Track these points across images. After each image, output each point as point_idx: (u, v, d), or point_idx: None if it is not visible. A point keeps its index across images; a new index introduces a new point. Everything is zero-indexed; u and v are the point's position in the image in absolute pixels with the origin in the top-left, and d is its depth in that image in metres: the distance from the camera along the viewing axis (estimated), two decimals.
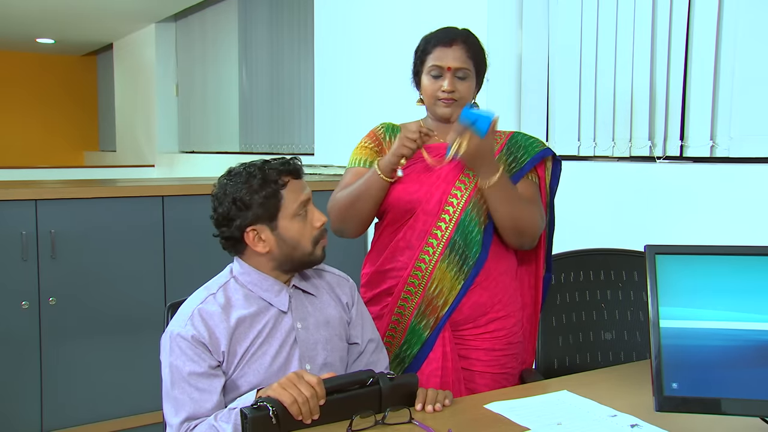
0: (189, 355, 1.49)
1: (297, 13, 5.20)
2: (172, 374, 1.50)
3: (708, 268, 1.31)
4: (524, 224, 1.84)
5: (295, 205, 1.58)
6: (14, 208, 2.93)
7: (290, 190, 1.58)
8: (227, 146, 6.40)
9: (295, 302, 1.63)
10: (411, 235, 1.89)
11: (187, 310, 1.55)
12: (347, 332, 1.71)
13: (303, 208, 1.59)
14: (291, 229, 1.58)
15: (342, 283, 1.75)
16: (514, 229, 1.85)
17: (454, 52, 1.86)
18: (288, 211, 1.57)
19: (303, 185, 1.61)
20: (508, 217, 1.83)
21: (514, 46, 3.19)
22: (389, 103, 3.46)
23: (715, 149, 2.46)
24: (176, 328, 1.52)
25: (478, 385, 1.90)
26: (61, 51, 9.91)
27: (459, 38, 1.88)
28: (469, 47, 1.87)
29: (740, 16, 2.37)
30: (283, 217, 1.57)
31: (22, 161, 9.23)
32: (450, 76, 1.86)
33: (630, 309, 2.14)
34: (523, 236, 1.86)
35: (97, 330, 3.10)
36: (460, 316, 1.89)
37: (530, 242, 1.89)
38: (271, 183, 1.56)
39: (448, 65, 1.86)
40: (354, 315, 1.73)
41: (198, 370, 1.49)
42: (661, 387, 1.28)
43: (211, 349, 1.51)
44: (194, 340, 1.50)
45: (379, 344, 1.77)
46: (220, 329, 1.52)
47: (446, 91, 1.86)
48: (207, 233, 1.67)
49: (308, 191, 1.62)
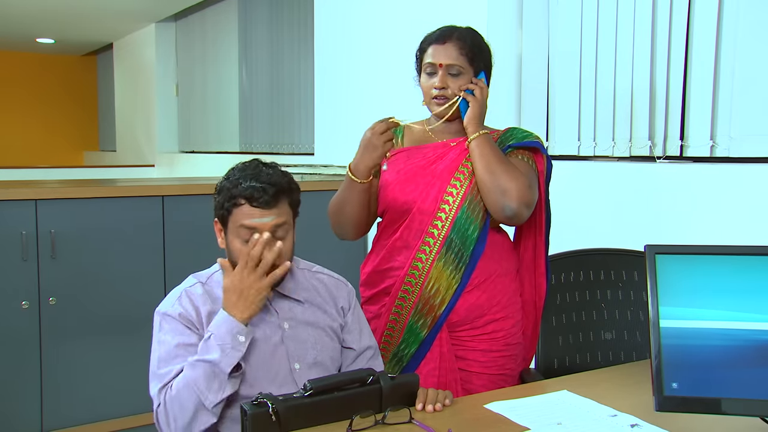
0: (178, 329, 1.54)
1: (297, 13, 5.20)
2: (159, 350, 1.55)
3: (708, 268, 1.31)
4: (505, 182, 1.78)
5: (238, 224, 1.55)
6: (14, 208, 2.93)
7: (242, 211, 1.55)
8: (227, 146, 6.40)
9: (279, 304, 1.63)
10: (408, 234, 1.89)
11: (175, 292, 1.62)
12: (340, 335, 1.70)
13: (248, 231, 1.54)
14: (231, 243, 1.59)
15: (340, 287, 1.74)
16: (496, 188, 1.79)
17: (446, 49, 1.86)
18: (233, 226, 1.57)
19: (263, 213, 1.54)
20: (487, 171, 1.80)
21: (514, 46, 3.19)
22: (390, 103, 3.46)
23: (715, 149, 2.46)
24: (164, 308, 1.59)
25: (475, 386, 1.90)
26: (61, 51, 9.92)
27: (453, 35, 1.88)
28: (463, 44, 1.87)
29: (740, 16, 2.37)
30: (230, 230, 1.58)
31: (22, 161, 9.24)
32: (442, 73, 1.86)
33: (630, 309, 2.14)
34: (506, 196, 1.78)
35: (97, 330, 3.10)
36: (458, 317, 1.89)
37: (516, 208, 1.80)
38: (228, 197, 1.56)
39: (440, 62, 1.86)
40: (350, 320, 1.72)
41: (187, 341, 1.53)
42: (661, 387, 1.28)
43: (197, 325, 1.56)
44: (182, 318, 1.55)
45: (376, 352, 1.77)
46: (204, 309, 1.57)
47: (437, 87, 1.86)
48: (207, 233, 1.67)
49: (266, 220, 1.54)
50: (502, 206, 1.80)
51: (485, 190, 1.82)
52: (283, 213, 1.57)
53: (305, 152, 5.05)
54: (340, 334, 1.71)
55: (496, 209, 1.82)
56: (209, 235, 1.64)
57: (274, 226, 1.55)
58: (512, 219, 1.83)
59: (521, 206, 1.80)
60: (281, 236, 1.56)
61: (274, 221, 1.55)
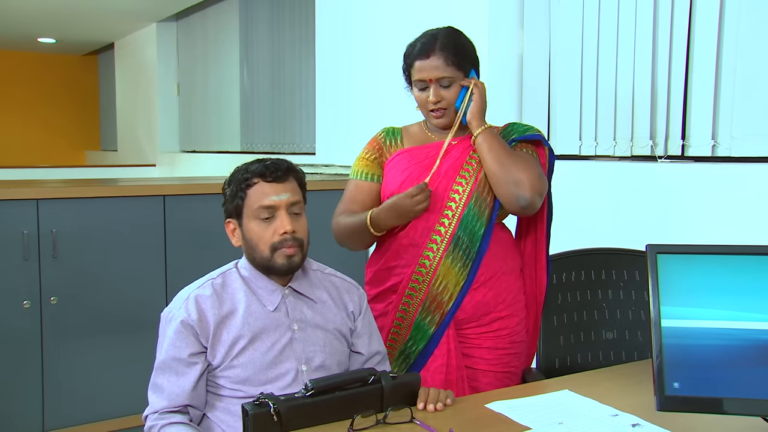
0: (177, 339, 1.55)
1: (298, 13, 5.20)
2: (158, 355, 1.57)
3: (709, 267, 1.31)
4: (517, 173, 1.80)
5: (256, 206, 1.58)
6: (16, 208, 2.93)
7: (256, 191, 1.59)
8: (228, 146, 6.40)
9: (292, 304, 1.63)
10: (414, 233, 1.89)
11: (184, 293, 1.61)
12: (349, 339, 1.71)
13: (267, 211, 1.58)
14: (250, 230, 1.60)
15: (351, 290, 1.74)
16: (509, 179, 1.80)
17: (431, 62, 1.86)
18: (250, 210, 1.59)
19: (276, 189, 1.59)
20: (498, 163, 1.81)
21: (515, 46, 3.19)
22: (390, 103, 3.45)
23: (717, 148, 2.46)
24: (169, 310, 1.60)
25: (481, 384, 1.91)
26: (63, 50, 9.92)
27: (435, 47, 1.86)
28: (447, 54, 1.86)
29: (742, 16, 2.37)
30: (246, 216, 1.60)
31: (24, 161, 9.25)
32: (434, 87, 1.87)
33: (631, 308, 2.14)
34: (519, 186, 1.80)
35: (99, 329, 3.10)
36: (464, 314, 1.90)
37: (530, 198, 1.81)
38: (239, 181, 1.61)
39: (429, 77, 1.86)
40: (360, 326, 1.72)
41: (180, 355, 1.54)
42: (663, 386, 1.28)
43: (199, 332, 1.55)
44: (183, 324, 1.55)
45: (384, 357, 1.77)
46: (211, 314, 1.56)
47: (432, 102, 1.87)
48: (208, 233, 1.68)
49: (283, 197, 1.58)
50: (516, 197, 1.81)
51: (497, 182, 1.83)
52: (296, 191, 1.62)
53: (306, 152, 5.05)
54: (349, 338, 1.71)
55: (510, 200, 1.83)
56: (211, 234, 1.65)
57: (290, 203, 1.59)
58: (526, 209, 1.84)
59: (535, 195, 1.82)
60: (297, 213, 1.61)
61: (290, 198, 1.59)
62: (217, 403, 1.57)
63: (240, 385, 1.55)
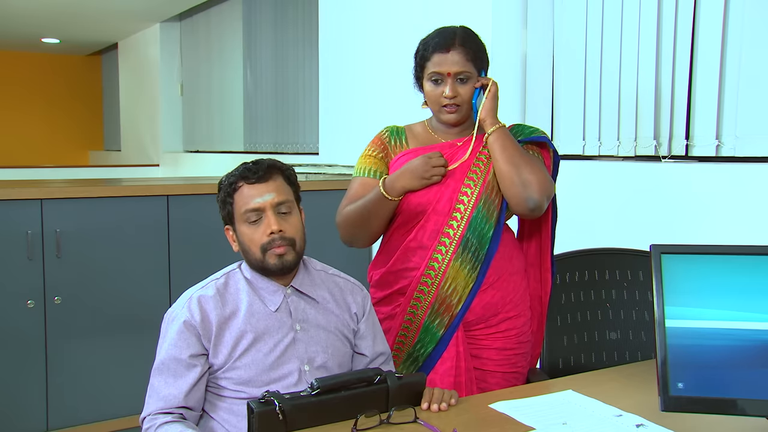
0: (179, 339, 1.54)
1: (301, 13, 5.20)
2: (158, 354, 1.57)
3: (714, 267, 1.31)
4: (527, 174, 1.80)
5: (243, 210, 1.59)
6: (20, 208, 2.94)
7: (241, 195, 1.60)
8: (232, 146, 6.41)
9: (294, 304, 1.63)
10: (422, 235, 1.88)
11: (187, 294, 1.62)
12: (352, 340, 1.70)
13: (254, 214, 1.59)
14: (242, 234, 1.61)
15: (355, 291, 1.74)
16: (519, 180, 1.80)
17: (452, 56, 1.85)
18: (239, 215, 1.61)
19: (260, 190, 1.59)
20: (510, 163, 1.81)
21: (518, 46, 3.19)
22: (394, 103, 3.46)
23: (721, 148, 2.45)
24: (172, 311, 1.60)
25: (489, 385, 1.91)
26: (66, 51, 9.94)
27: (456, 42, 1.86)
28: (467, 50, 1.85)
29: (746, 15, 2.36)
30: (237, 221, 1.62)
31: (28, 161, 9.27)
32: (451, 82, 1.85)
33: (635, 308, 2.13)
34: (529, 188, 1.80)
35: (102, 329, 3.11)
36: (473, 316, 1.89)
37: (539, 200, 1.81)
38: (225, 187, 1.62)
39: (448, 71, 1.85)
40: (363, 327, 1.71)
41: (180, 356, 1.54)
42: (667, 387, 1.28)
43: (202, 333, 1.55)
44: (186, 325, 1.55)
45: (388, 358, 1.77)
46: (213, 314, 1.56)
47: (448, 97, 1.86)
48: (212, 233, 1.68)
49: (267, 198, 1.58)
50: (525, 198, 1.81)
51: (507, 182, 1.82)
52: (282, 190, 1.61)
53: (310, 152, 5.06)
54: (353, 339, 1.70)
55: (518, 201, 1.83)
56: (214, 234, 1.65)
57: (276, 204, 1.59)
58: (534, 211, 1.84)
59: (543, 198, 1.82)
60: (285, 213, 1.60)
61: (274, 198, 1.59)
62: (220, 404, 1.57)
63: (243, 386, 1.55)
